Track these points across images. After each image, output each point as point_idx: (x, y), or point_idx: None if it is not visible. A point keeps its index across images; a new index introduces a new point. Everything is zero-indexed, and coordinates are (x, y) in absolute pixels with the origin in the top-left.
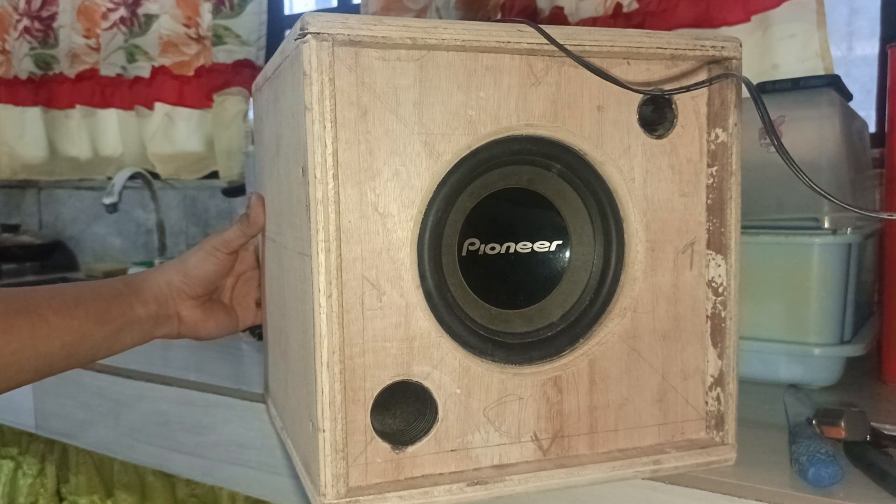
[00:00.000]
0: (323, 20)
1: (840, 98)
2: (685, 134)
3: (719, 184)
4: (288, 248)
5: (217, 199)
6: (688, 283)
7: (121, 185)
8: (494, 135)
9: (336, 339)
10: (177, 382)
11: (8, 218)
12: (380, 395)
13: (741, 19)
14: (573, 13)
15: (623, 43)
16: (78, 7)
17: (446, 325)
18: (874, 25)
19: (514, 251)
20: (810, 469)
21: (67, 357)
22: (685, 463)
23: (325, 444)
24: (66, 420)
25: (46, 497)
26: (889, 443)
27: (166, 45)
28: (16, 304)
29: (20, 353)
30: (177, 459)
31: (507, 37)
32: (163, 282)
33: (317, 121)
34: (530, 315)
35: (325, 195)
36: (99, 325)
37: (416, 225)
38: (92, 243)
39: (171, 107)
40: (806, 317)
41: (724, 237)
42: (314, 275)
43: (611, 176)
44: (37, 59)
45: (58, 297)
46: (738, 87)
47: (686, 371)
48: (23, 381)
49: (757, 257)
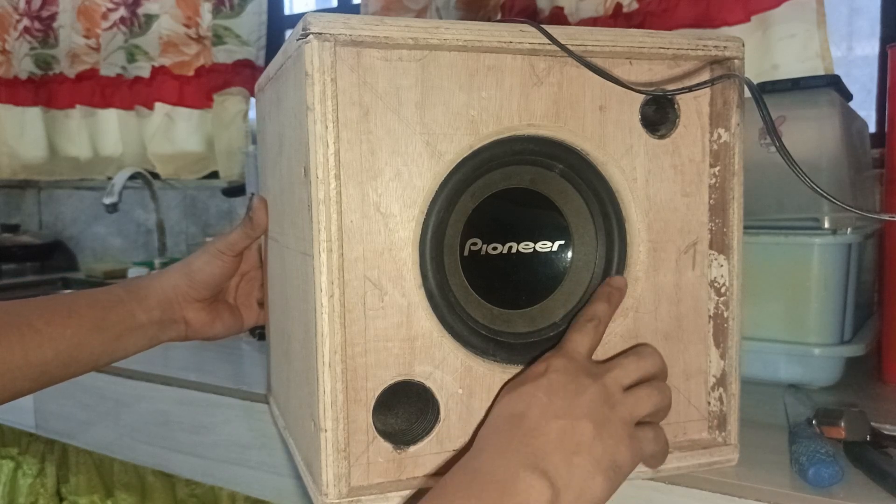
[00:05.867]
0: (325, 20)
1: (840, 98)
2: (687, 134)
3: (722, 184)
4: (290, 247)
5: (217, 199)
6: (690, 283)
7: (121, 185)
8: (496, 135)
9: (338, 338)
10: (177, 382)
11: (8, 218)
12: (382, 394)
13: (741, 19)
14: (573, 13)
15: (625, 43)
16: (78, 7)
17: (448, 325)
18: (874, 25)
19: (516, 251)
20: (810, 469)
21: (65, 365)
22: (687, 463)
23: (327, 444)
24: (66, 420)
25: (46, 497)
26: (889, 443)
27: (166, 45)
28: (4, 317)
29: (11, 362)
30: (177, 459)
31: (509, 37)
32: (167, 286)
33: (319, 121)
34: (532, 315)
35: (327, 195)
36: (96, 333)
37: (418, 225)
38: (92, 243)
39: (171, 107)
40: (806, 317)
41: (727, 237)
42: (316, 275)
43: (613, 176)
44: (37, 59)
45: (49, 308)
46: (741, 88)
47: (688, 371)
48: (20, 391)
49: (757, 257)
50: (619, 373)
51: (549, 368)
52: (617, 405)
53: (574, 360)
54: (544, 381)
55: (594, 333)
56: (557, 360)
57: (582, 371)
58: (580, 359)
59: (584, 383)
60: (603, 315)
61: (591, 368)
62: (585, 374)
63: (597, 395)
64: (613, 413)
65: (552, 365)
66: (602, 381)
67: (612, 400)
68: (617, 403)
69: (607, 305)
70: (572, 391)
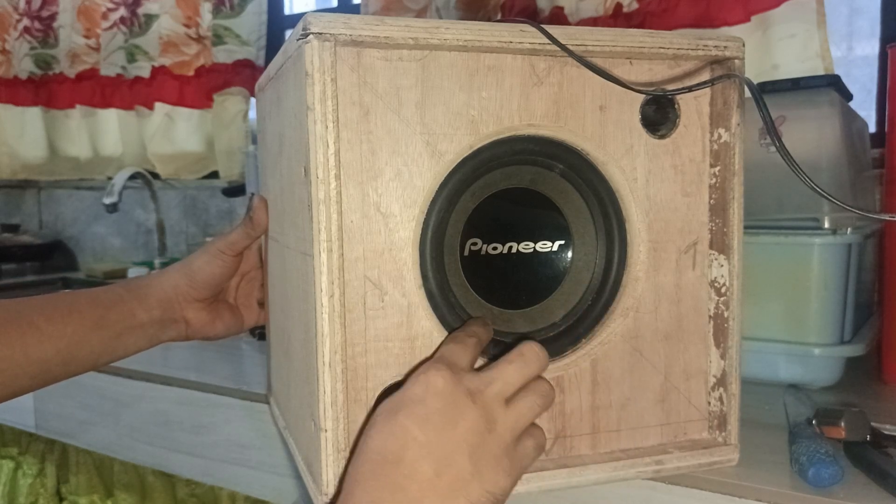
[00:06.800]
0: (325, 20)
1: (840, 98)
2: (688, 134)
3: (722, 184)
4: (290, 247)
5: (217, 199)
6: (690, 283)
7: (121, 185)
8: (496, 135)
9: (338, 338)
10: (177, 382)
11: (8, 218)
12: (382, 395)
13: (741, 19)
14: (573, 13)
15: (625, 43)
16: (78, 7)
17: (448, 325)
18: (874, 25)
19: (517, 251)
20: (810, 469)
21: (65, 363)
22: (688, 463)
23: (327, 444)
24: (66, 420)
25: (46, 497)
26: (889, 443)
27: (166, 45)
28: (5, 314)
29: (12, 359)
30: (177, 459)
31: (509, 37)
32: (168, 286)
33: (319, 121)
34: (532, 315)
35: (328, 195)
36: (96, 331)
37: (418, 225)
38: (92, 243)
39: (172, 107)
40: (806, 317)
41: (727, 237)
42: (316, 274)
43: (613, 176)
44: (37, 59)
45: (50, 305)
46: (741, 88)
47: (688, 371)
48: (21, 388)
49: (757, 257)
50: (501, 386)
51: (429, 391)
52: (497, 426)
53: (455, 374)
54: (421, 410)
55: (474, 350)
56: (437, 378)
57: (461, 392)
58: (461, 372)
59: (462, 408)
60: (483, 337)
61: (471, 383)
62: (465, 394)
63: (475, 422)
64: (492, 437)
65: (431, 385)
66: (482, 400)
67: (492, 423)
68: (497, 425)
69: (485, 330)
70: (450, 420)
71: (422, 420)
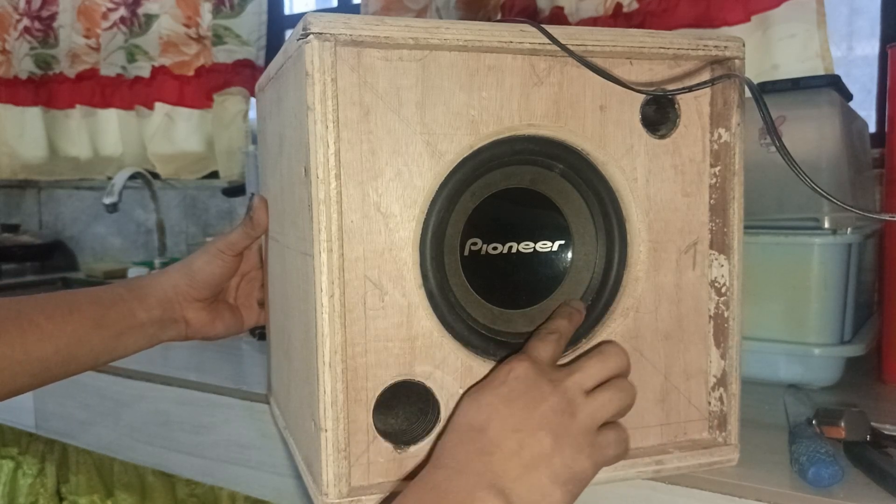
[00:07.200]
0: (325, 20)
1: (840, 98)
2: (688, 134)
3: (722, 184)
4: (290, 247)
5: (217, 199)
6: (690, 283)
7: (121, 185)
8: (496, 135)
9: (338, 338)
10: (177, 382)
11: (8, 218)
12: (382, 394)
13: (741, 19)
14: (573, 13)
15: (625, 43)
16: (78, 7)
17: (448, 325)
18: (874, 25)
19: (517, 251)
20: (810, 469)
21: (65, 362)
22: (688, 463)
23: (328, 444)
24: (66, 420)
25: (46, 497)
26: (889, 443)
27: (166, 45)
28: (5, 312)
29: (11, 357)
30: (177, 459)
31: (509, 37)
32: (168, 286)
33: (319, 121)
34: (533, 315)
35: (328, 195)
36: (96, 330)
37: (419, 225)
38: (92, 243)
39: (172, 107)
40: (806, 317)
41: (727, 237)
42: (316, 274)
43: (613, 176)
44: (37, 59)
45: (51, 303)
46: (741, 88)
47: (689, 371)
48: (21, 387)
49: (757, 257)
50: (581, 377)
51: (511, 375)
52: (578, 412)
53: (536, 364)
54: (504, 389)
55: (556, 345)
56: (519, 366)
57: (543, 377)
58: (542, 364)
59: (544, 391)
60: (564, 331)
61: (552, 374)
62: (546, 380)
63: (557, 404)
64: (573, 422)
65: (514, 371)
66: (563, 386)
67: (573, 407)
68: (578, 411)
69: (568, 322)
70: (532, 400)
71: (505, 398)
